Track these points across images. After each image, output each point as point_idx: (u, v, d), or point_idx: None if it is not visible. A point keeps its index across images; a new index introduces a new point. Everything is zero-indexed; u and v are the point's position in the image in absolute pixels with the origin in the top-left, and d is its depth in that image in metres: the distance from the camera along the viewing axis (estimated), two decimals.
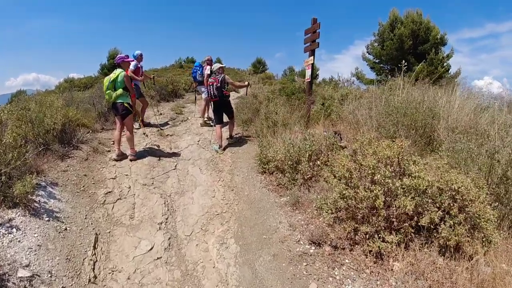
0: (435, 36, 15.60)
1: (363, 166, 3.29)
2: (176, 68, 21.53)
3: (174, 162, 5.24)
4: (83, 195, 3.93)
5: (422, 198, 3.07)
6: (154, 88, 9.43)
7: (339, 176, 3.49)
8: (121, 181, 4.43)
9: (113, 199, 4.00)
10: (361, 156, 3.42)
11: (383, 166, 3.21)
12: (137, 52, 6.73)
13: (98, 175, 4.47)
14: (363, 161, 3.33)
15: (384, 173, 3.12)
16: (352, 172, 3.28)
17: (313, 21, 6.00)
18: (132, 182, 4.42)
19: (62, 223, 3.25)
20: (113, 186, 4.25)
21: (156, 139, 6.35)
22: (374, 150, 3.39)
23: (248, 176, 4.86)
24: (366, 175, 3.26)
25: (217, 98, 5.80)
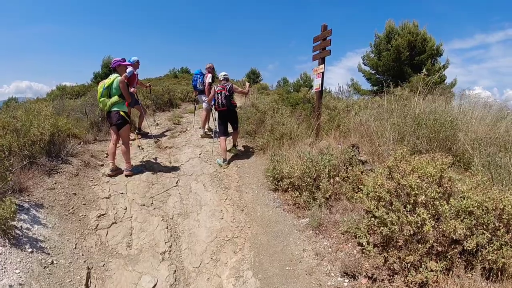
0: (431, 47, 15.63)
1: (404, 186, 2.87)
2: (170, 78, 21.10)
3: (175, 178, 4.72)
4: (72, 219, 3.38)
5: (470, 220, 2.68)
6: (150, 97, 8.94)
7: (372, 196, 3.05)
8: (116, 201, 3.89)
9: (107, 223, 3.46)
10: (398, 174, 2.99)
11: (428, 186, 2.80)
12: (133, 58, 6.27)
13: (90, 194, 3.92)
14: (402, 180, 2.91)
15: (431, 194, 2.71)
16: (392, 193, 2.85)
17: (323, 27, 5.66)
18: (128, 202, 3.89)
19: (48, 255, 2.71)
20: (106, 207, 3.71)
21: (153, 151, 5.83)
22: (414, 167, 2.98)
23: (259, 194, 4.37)
24: (409, 196, 2.83)
25: (225, 107, 5.41)
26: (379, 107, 7.33)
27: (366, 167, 4.36)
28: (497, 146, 4.31)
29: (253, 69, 30.29)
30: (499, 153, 3.96)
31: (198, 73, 6.88)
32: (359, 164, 4.40)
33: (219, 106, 5.44)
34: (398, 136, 4.91)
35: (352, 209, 3.75)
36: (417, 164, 3.04)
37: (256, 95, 13.94)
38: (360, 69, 20.01)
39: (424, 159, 3.16)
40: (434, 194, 2.75)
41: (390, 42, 16.50)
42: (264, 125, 6.89)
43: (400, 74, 17.14)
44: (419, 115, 4.93)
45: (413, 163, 3.04)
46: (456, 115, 5.15)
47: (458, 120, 5.00)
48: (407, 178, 2.85)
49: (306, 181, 3.82)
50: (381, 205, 2.85)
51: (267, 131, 6.46)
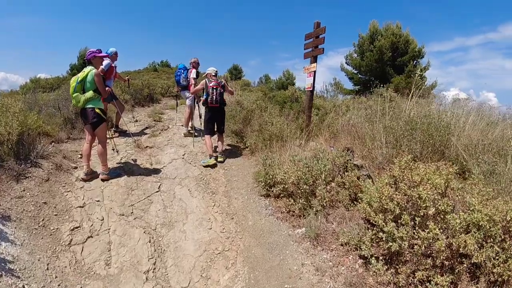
0: (413, 49, 15.89)
1: (412, 198, 2.67)
2: (150, 71, 20.29)
3: (157, 182, 4.32)
4: (43, 233, 2.94)
5: (479, 234, 2.53)
6: (129, 91, 8.38)
7: (377, 208, 2.84)
8: (91, 210, 3.46)
9: (82, 237, 3.04)
10: (405, 185, 2.79)
11: (438, 198, 2.61)
12: (111, 49, 5.76)
13: (62, 203, 3.47)
14: (409, 191, 2.71)
15: (442, 207, 2.53)
16: (402, 206, 2.64)
17: (316, 25, 5.42)
18: (105, 212, 3.47)
19: (19, 279, 2.29)
20: (81, 219, 3.28)
21: (132, 152, 5.37)
22: (422, 178, 2.78)
23: (249, 200, 4.08)
24: (418, 209, 2.64)
25: (218, 104, 5.15)
26: (367, 108, 7.23)
27: (362, 172, 4.17)
28: (492, 152, 4.25)
29: (235, 64, 29.82)
30: (496, 160, 3.89)
31: (181, 68, 6.46)
32: (355, 169, 4.20)
33: (212, 102, 5.14)
34: (392, 139, 4.76)
35: (350, 217, 3.54)
36: (425, 174, 2.85)
37: (240, 91, 13.60)
38: (343, 69, 20.10)
39: (430, 169, 2.99)
40: (445, 207, 2.58)
41: (373, 43, 16.62)
42: (251, 125, 6.58)
43: (382, 74, 17.33)
44: (413, 118, 4.80)
45: (421, 173, 2.85)
46: (449, 119, 5.08)
47: (452, 125, 4.93)
48: (417, 190, 2.66)
49: (301, 188, 3.56)
50: (389, 219, 2.64)
51: (255, 131, 6.16)
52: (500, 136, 4.82)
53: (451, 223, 2.54)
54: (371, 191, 3.13)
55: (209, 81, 5.24)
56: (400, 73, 16.79)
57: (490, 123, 5.36)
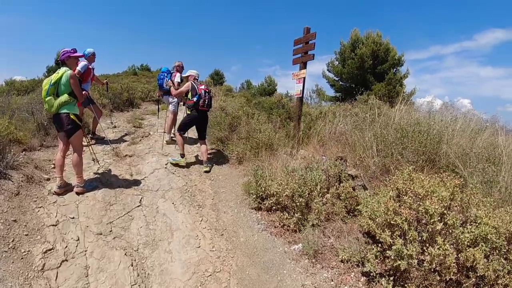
0: (393, 57, 16.27)
1: (419, 212, 2.51)
2: (129, 75, 19.61)
3: (138, 196, 3.96)
4: (14, 257, 2.53)
5: (486, 246, 2.43)
6: (107, 95, 7.92)
7: (381, 223, 2.66)
8: (65, 229, 3.07)
9: (56, 261, 2.65)
10: (410, 199, 2.63)
11: (447, 212, 2.47)
12: (89, 50, 5.36)
13: (33, 220, 3.05)
14: (414, 205, 2.55)
15: (450, 221, 2.39)
16: (410, 222, 2.47)
17: (306, 30, 5.28)
18: (81, 231, 3.08)
19: None
20: (54, 239, 2.88)
21: (111, 161, 4.97)
22: (427, 190, 2.64)
23: (239, 214, 3.81)
24: (425, 224, 2.48)
25: (207, 108, 5.13)
26: (354, 115, 7.17)
27: (357, 183, 4.02)
28: (484, 160, 4.23)
29: (216, 70, 29.47)
30: (492, 169, 3.85)
31: (165, 71, 6.12)
32: (349, 179, 4.05)
33: (204, 105, 5.02)
34: (384, 148, 4.66)
35: (349, 231, 3.36)
36: (429, 186, 2.71)
37: (223, 97, 13.33)
38: (325, 76, 20.31)
39: (434, 181, 2.86)
40: (454, 222, 2.44)
41: (354, 51, 16.89)
42: (238, 132, 6.33)
43: (363, 82, 17.62)
44: (404, 127, 4.73)
45: (426, 186, 2.71)
46: (439, 127, 5.06)
47: (442, 133, 4.91)
48: (424, 204, 2.50)
49: (297, 200, 3.33)
50: (396, 235, 2.46)
51: (243, 139, 5.91)
52: (488, 143, 4.84)
53: (460, 238, 2.41)
54: (372, 204, 2.96)
55: (197, 84, 5.09)
56: (381, 81, 17.14)
57: (477, 130, 5.39)
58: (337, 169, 4.03)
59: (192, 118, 5.15)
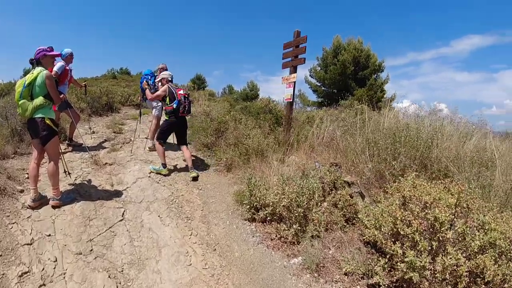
0: (374, 63, 16.60)
1: (428, 220, 2.38)
2: (108, 78, 18.89)
3: (120, 208, 3.63)
4: None
5: (494, 252, 2.35)
6: (85, 99, 7.46)
7: (388, 233, 2.51)
8: (41, 248, 2.71)
9: (33, 286, 2.30)
10: (417, 207, 2.50)
11: (456, 219, 2.36)
12: (66, 50, 4.99)
13: (7, 238, 2.68)
14: (422, 213, 2.42)
15: (460, 229, 2.28)
16: (421, 232, 2.32)
17: (296, 34, 5.15)
18: (59, 250, 2.73)
19: None
20: (30, 260, 2.53)
21: (89, 170, 4.58)
22: (435, 198, 2.51)
23: (232, 226, 3.56)
24: (435, 232, 2.35)
25: (187, 114, 4.89)
26: (341, 120, 7.11)
27: (354, 190, 3.88)
28: (477, 164, 4.22)
29: (198, 74, 29.10)
30: (485, 172, 3.83)
31: (148, 74, 5.79)
32: (345, 186, 3.90)
33: (184, 112, 4.79)
34: (377, 153, 4.56)
35: (349, 241, 3.19)
36: (437, 194, 2.60)
37: (206, 102, 13.04)
38: (307, 81, 20.47)
39: (439, 187, 2.75)
40: (464, 229, 2.33)
41: (337, 57, 17.11)
42: (225, 137, 6.09)
43: (345, 87, 17.87)
44: (396, 132, 4.66)
45: (433, 193, 2.59)
46: (429, 132, 5.05)
47: (433, 137, 4.90)
48: (433, 212, 2.37)
49: (296, 211, 3.13)
50: (407, 246, 2.31)
51: (231, 145, 5.67)
52: (478, 147, 4.86)
53: (471, 245, 2.30)
54: (375, 213, 2.81)
55: (175, 88, 4.84)
56: (362, 86, 17.44)
57: (465, 133, 5.42)
58: (332, 176, 3.88)
59: (170, 124, 4.89)
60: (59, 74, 4.67)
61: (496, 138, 5.42)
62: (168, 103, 4.78)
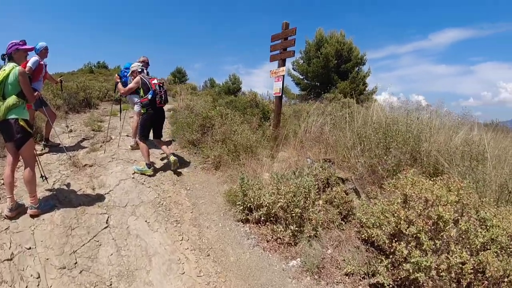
0: (356, 56, 16.69)
1: (431, 218, 2.32)
2: (85, 72, 18.02)
3: (104, 215, 3.38)
4: None
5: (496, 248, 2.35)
6: (62, 95, 7.00)
7: (391, 232, 2.44)
8: (22, 263, 2.45)
9: None
10: (419, 205, 2.43)
11: (460, 217, 2.32)
12: (40, 44, 4.62)
13: None
14: (425, 211, 2.36)
15: (464, 227, 2.24)
16: (426, 231, 2.26)
17: (285, 25, 4.98)
18: (41, 265, 2.48)
19: None
20: (12, 278, 2.28)
21: (68, 173, 4.27)
22: (437, 195, 2.46)
23: (225, 228, 3.40)
24: (438, 230, 2.30)
25: (164, 104, 4.71)
26: (329, 114, 7.06)
27: (348, 186, 3.80)
28: (468, 158, 4.25)
29: (179, 67, 28.32)
30: (477, 166, 3.86)
31: (128, 67, 5.43)
32: (339, 183, 3.82)
33: (161, 102, 4.58)
34: (370, 148, 4.51)
35: (347, 239, 3.11)
36: (438, 191, 2.54)
37: (188, 96, 12.70)
38: (290, 74, 20.35)
39: (439, 184, 2.70)
40: (468, 227, 2.28)
41: (320, 50, 17.07)
42: (212, 134, 5.87)
43: (328, 80, 17.92)
44: (388, 126, 4.62)
45: (435, 191, 2.53)
46: (416, 125, 5.05)
47: (422, 130, 4.91)
48: (436, 210, 2.32)
49: (293, 211, 3.01)
50: (412, 246, 2.25)
51: (218, 141, 5.48)
52: (467, 140, 4.91)
53: (475, 242, 2.27)
54: (375, 211, 2.74)
55: (147, 78, 4.60)
56: (344, 79, 17.55)
57: (451, 126, 5.47)
58: (326, 173, 3.79)
59: (149, 117, 4.64)
60: (33, 69, 4.31)
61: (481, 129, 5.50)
62: (142, 95, 4.54)
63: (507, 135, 6.02)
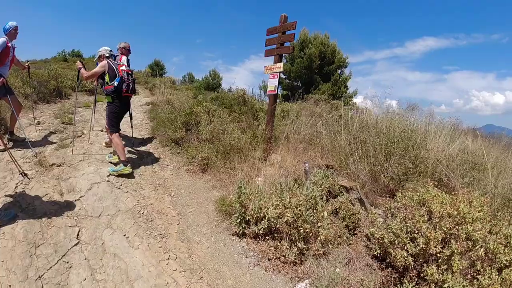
0: (340, 59, 16.68)
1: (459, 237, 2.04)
2: (59, 61, 16.64)
3: (74, 227, 2.84)
4: None
5: None
6: (31, 83, 6.19)
7: (417, 253, 2.14)
8: None
9: None
10: (448, 222, 2.16)
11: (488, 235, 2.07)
12: (10, 23, 4.00)
13: None
14: (453, 230, 2.09)
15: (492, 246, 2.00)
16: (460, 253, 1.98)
17: (283, 18, 4.59)
18: None
19: None
20: None
21: (32, 173, 3.64)
22: (464, 212, 2.20)
23: (218, 244, 2.97)
24: (467, 250, 2.03)
25: (132, 94, 4.35)
26: (318, 115, 6.79)
27: (353, 195, 3.49)
28: (470, 168, 4.10)
29: (157, 60, 27.06)
30: (481, 176, 3.71)
31: None
32: (343, 192, 3.50)
33: (128, 90, 4.19)
34: (372, 154, 4.24)
35: (357, 256, 2.80)
36: (464, 208, 2.27)
37: (168, 89, 12.01)
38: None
39: (460, 198, 2.44)
40: (496, 247, 2.03)
41: (303, 50, 16.88)
42: (198, 132, 5.38)
43: (310, 81, 17.78)
44: (391, 132, 4.37)
45: (461, 207, 2.26)
46: (421, 133, 4.88)
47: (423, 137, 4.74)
48: (465, 229, 2.05)
49: (301, 227, 2.64)
50: (442, 270, 1.96)
51: (205, 141, 5.01)
52: (464, 149, 4.80)
53: (501, 260, 2.02)
54: (394, 228, 2.44)
55: (116, 64, 4.14)
56: (327, 81, 17.50)
57: (448, 134, 5.35)
58: (329, 181, 3.45)
59: (116, 109, 4.17)
60: (0, 51, 3.68)
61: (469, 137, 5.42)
62: (108, 82, 4.06)
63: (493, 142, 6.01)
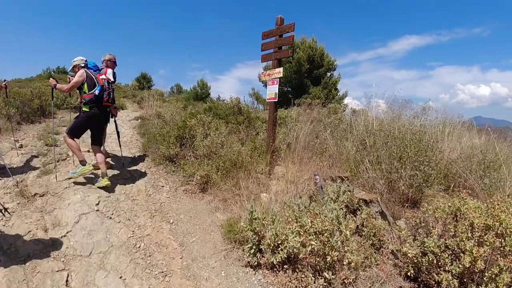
0: (328, 62, 16.60)
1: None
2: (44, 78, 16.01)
3: (62, 272, 2.42)
4: None
5: None
6: (13, 103, 5.73)
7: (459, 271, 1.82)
8: None
9: None
10: (489, 237, 1.85)
11: None
12: None
13: None
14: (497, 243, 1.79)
15: None
16: None
17: (280, 21, 4.31)
18: None
19: None
20: None
21: (13, 205, 3.20)
22: (499, 219, 1.91)
23: (230, 278, 2.59)
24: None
25: (111, 105, 4.23)
26: (317, 120, 6.52)
27: (373, 209, 3.16)
28: (487, 168, 3.85)
29: (143, 73, 26.63)
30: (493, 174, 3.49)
31: (92, 67, 4.37)
32: (362, 206, 3.17)
33: (108, 100, 4.08)
34: (389, 161, 3.93)
35: (388, 278, 2.46)
36: (505, 218, 1.98)
37: (157, 102, 11.62)
38: (260, 79, 19.84)
39: (497, 207, 2.14)
40: None
41: (292, 55, 16.75)
42: (194, 147, 5.00)
43: (300, 86, 17.63)
44: (404, 135, 4.09)
45: (502, 217, 1.97)
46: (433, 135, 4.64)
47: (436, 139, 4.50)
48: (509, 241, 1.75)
49: (329, 255, 2.28)
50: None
51: (203, 157, 4.63)
52: (477, 147, 4.57)
53: None
54: (430, 246, 2.13)
55: (94, 73, 3.97)
56: (317, 85, 17.37)
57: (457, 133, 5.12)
58: (346, 196, 3.11)
59: (90, 117, 3.90)
60: None
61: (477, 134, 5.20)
62: (86, 91, 3.81)
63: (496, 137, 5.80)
